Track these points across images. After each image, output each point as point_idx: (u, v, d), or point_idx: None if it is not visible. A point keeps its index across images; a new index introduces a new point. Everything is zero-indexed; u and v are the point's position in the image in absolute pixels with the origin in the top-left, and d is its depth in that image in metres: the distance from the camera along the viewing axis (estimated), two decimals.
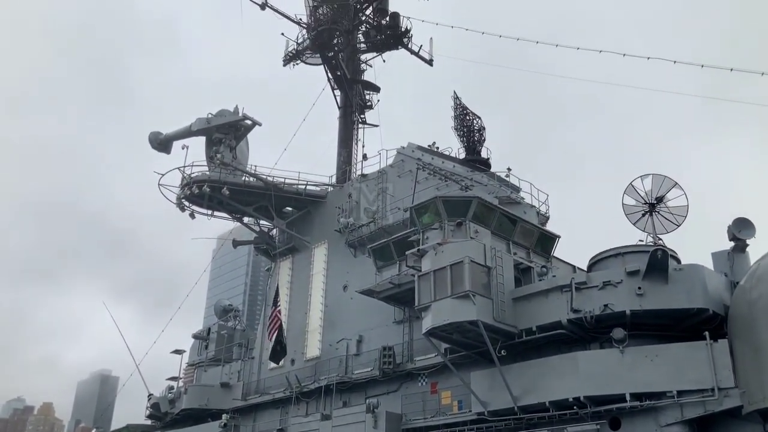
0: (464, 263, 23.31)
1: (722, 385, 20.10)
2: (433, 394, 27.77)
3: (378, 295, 29.61)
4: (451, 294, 23.20)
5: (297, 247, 38.80)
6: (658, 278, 21.68)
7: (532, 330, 23.51)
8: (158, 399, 41.11)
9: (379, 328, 31.42)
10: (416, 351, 29.13)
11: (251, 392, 37.20)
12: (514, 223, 28.35)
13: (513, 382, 23.24)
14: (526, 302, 24.01)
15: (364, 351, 31.72)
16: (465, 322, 23.02)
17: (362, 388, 30.79)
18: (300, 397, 33.22)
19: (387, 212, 33.39)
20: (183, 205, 38.72)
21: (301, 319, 36.35)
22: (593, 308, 22.23)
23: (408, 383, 29.16)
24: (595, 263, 25.00)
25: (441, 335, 24.53)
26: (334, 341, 33.47)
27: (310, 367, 33.98)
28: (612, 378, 21.37)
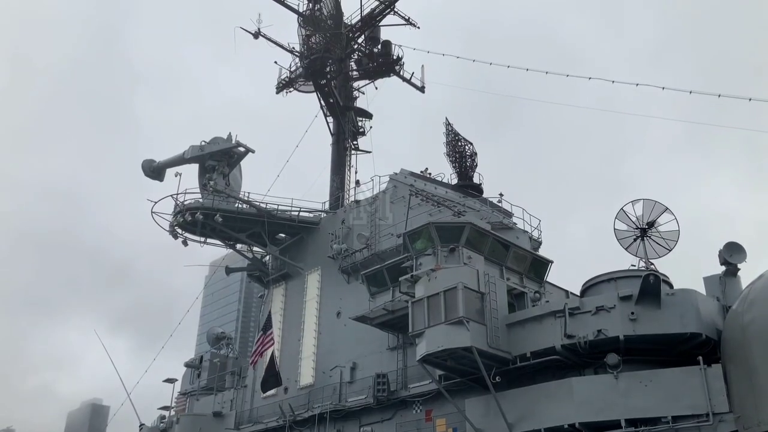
0: (458, 289, 23.34)
1: (717, 410, 20.09)
2: (428, 422, 27.56)
3: (371, 321, 29.53)
4: (444, 320, 23.18)
5: (290, 274, 38.73)
6: (651, 303, 21.75)
7: (526, 356, 23.47)
8: (150, 429, 40.58)
9: (373, 354, 31.28)
10: (410, 378, 28.98)
11: (244, 421, 36.81)
12: (507, 248, 28.45)
13: (508, 408, 23.12)
14: (519, 328, 24.00)
15: (358, 378, 31.52)
16: (459, 348, 22.97)
17: (356, 416, 30.54)
18: (293, 426, 32.89)
19: (380, 238, 33.45)
20: (176, 232, 38.68)
21: (295, 346, 36.14)
22: (587, 333, 22.23)
23: (402, 411, 28.95)
24: (588, 288, 25.07)
25: (435, 362, 24.44)
26: (328, 368, 33.27)
27: (303, 395, 33.71)
28: (607, 404, 21.31)
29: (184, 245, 39.01)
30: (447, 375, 25.66)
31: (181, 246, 38.63)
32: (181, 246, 38.63)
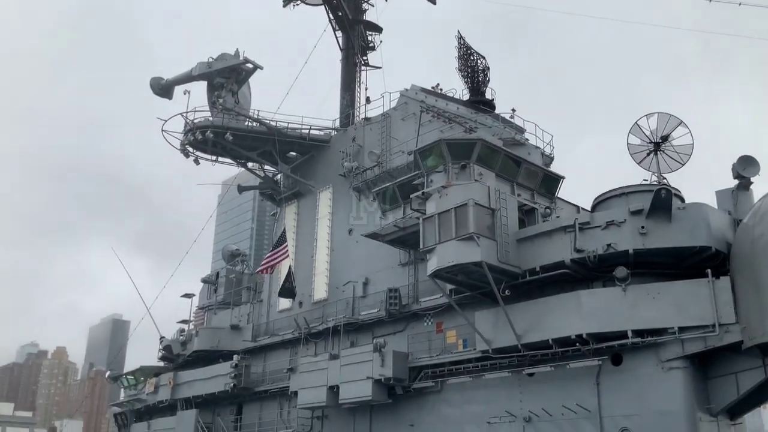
0: (468, 206, 23.44)
1: (723, 321, 20.47)
2: (439, 334, 28.35)
3: (383, 238, 29.88)
4: (455, 236, 23.41)
5: (302, 192, 38.95)
6: (662, 217, 21.79)
7: (535, 270, 23.81)
8: (170, 341, 42.10)
9: (385, 270, 31.82)
10: (421, 292, 29.60)
11: (261, 334, 38.02)
12: (519, 164, 28.32)
13: (517, 320, 23.68)
14: (529, 243, 24.23)
15: (370, 293, 32.22)
16: (469, 263, 23.31)
17: (369, 329, 31.42)
18: (308, 338, 33.96)
19: (391, 156, 33.35)
20: (187, 151, 38.74)
21: (308, 263, 36.80)
22: (596, 248, 22.43)
23: (414, 323, 29.73)
24: (598, 203, 25.08)
25: (446, 276, 24.87)
26: (341, 284, 33.97)
27: (317, 309, 34.60)
28: (614, 315, 21.75)
29: (195, 164, 39.17)
30: (457, 289, 26.15)
31: (195, 167, 38.79)
32: (195, 167, 38.79)
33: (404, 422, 28.15)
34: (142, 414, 44.04)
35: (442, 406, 27.01)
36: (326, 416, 31.92)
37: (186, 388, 38.81)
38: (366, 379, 27.58)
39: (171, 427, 38.13)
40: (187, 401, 38.43)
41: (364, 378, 27.63)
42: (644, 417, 21.09)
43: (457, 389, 26.59)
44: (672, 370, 20.98)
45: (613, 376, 22.18)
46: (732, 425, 22.67)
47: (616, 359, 22.27)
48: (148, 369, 44.36)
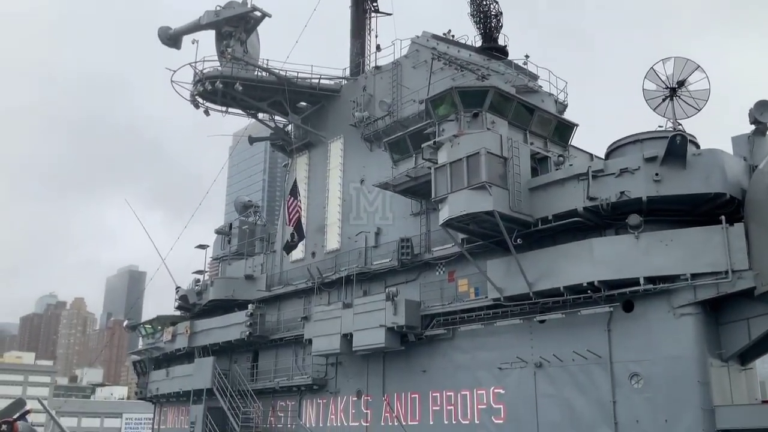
0: (480, 154, 23.29)
1: (736, 267, 20.46)
2: (451, 282, 28.58)
3: (395, 188, 29.86)
4: (467, 185, 23.35)
5: (313, 143, 38.81)
6: (676, 164, 21.57)
7: (547, 219, 23.78)
8: (186, 291, 42.76)
9: (397, 220, 31.92)
10: (433, 242, 29.71)
11: (275, 283, 38.50)
12: (532, 112, 27.96)
13: (528, 269, 23.79)
14: (542, 192, 24.14)
15: (382, 243, 32.39)
16: (481, 212, 23.30)
17: (381, 278, 31.71)
18: (322, 288, 34.36)
19: (402, 105, 33.02)
20: (197, 101, 38.54)
21: (320, 213, 36.95)
22: (609, 196, 22.31)
23: (426, 272, 29.95)
24: (612, 151, 24.83)
25: (458, 226, 24.93)
26: (353, 234, 34.15)
27: (330, 259, 34.88)
28: (626, 263, 21.77)
29: (206, 114, 39.04)
30: (469, 238, 26.23)
31: (206, 120, 38.71)
32: (206, 120, 38.71)
33: (417, 369, 28.67)
34: (161, 361, 45.08)
35: (454, 352, 27.44)
36: (340, 363, 32.55)
37: (203, 336, 39.61)
38: (379, 327, 27.99)
39: (189, 374, 39.06)
40: (204, 349, 39.26)
41: (377, 326, 28.04)
42: (655, 362, 21.33)
43: (469, 336, 26.95)
44: (683, 316, 21.10)
45: (624, 322, 22.36)
46: (742, 370, 22.88)
47: (628, 306, 22.40)
48: (165, 318, 45.18)
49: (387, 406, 29.47)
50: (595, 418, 22.32)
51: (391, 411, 29.26)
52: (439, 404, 27.53)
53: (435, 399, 27.72)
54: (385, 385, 29.97)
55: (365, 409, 30.68)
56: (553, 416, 23.48)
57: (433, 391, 27.84)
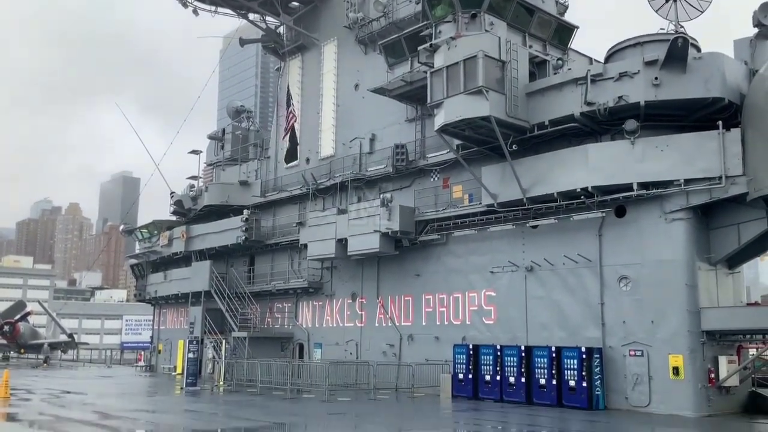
0: (478, 58, 22.78)
1: (730, 173, 20.51)
2: (445, 189, 28.69)
3: (390, 93, 29.37)
4: (463, 90, 22.98)
5: (306, 45, 37.81)
6: (676, 68, 21.18)
7: (544, 124, 23.59)
8: (181, 196, 42.87)
9: (392, 126, 31.61)
10: (428, 148, 29.56)
11: (269, 189, 38.58)
12: (532, 13, 27.17)
13: (523, 175, 23.82)
14: (539, 96, 23.81)
15: (377, 149, 32.21)
16: (477, 118, 23.08)
17: (376, 185, 31.77)
18: (316, 194, 34.48)
19: (398, 5, 31.92)
20: (185, 1, 37.20)
21: (314, 119, 36.51)
22: (607, 100, 22.04)
23: (420, 179, 29.99)
24: (612, 54, 24.27)
25: (453, 132, 24.73)
26: (348, 140, 33.89)
27: (325, 165, 34.80)
28: (620, 168, 21.79)
29: (194, 14, 37.84)
30: (464, 144, 26.09)
31: (197, 23, 37.52)
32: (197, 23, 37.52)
33: (410, 272, 29.25)
34: (158, 265, 45.82)
35: (448, 257, 27.92)
36: (335, 267, 33.15)
37: (199, 240, 40.05)
38: (373, 233, 28.31)
39: (186, 277, 39.80)
40: (200, 253, 39.81)
41: (372, 231, 28.35)
42: (644, 266, 21.77)
43: (462, 241, 27.34)
44: (675, 221, 21.35)
45: (616, 227, 22.65)
46: (730, 274, 23.40)
47: (620, 211, 22.62)
48: (161, 222, 45.54)
49: (381, 308, 30.29)
50: (583, 319, 23.03)
51: (385, 312, 30.10)
52: (431, 306, 28.29)
53: (428, 301, 28.46)
54: (379, 288, 30.67)
55: (360, 310, 31.53)
56: (542, 317, 24.21)
57: (426, 293, 28.53)
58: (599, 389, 21.39)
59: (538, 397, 22.09)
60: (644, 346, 21.34)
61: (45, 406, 21.09)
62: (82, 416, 18.70)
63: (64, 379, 36.39)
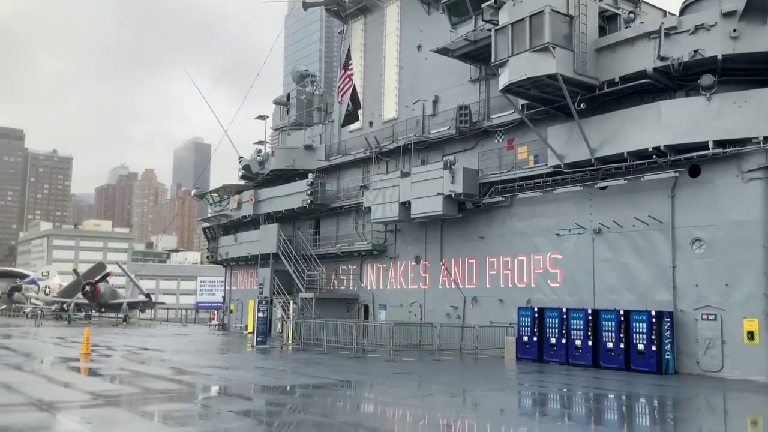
0: (544, 13, 22.07)
1: None
2: (510, 150, 28.22)
3: (453, 53, 28.89)
4: (529, 47, 22.37)
5: (369, 7, 37.49)
6: (756, 19, 19.97)
7: (614, 81, 22.78)
8: (248, 161, 43.79)
9: (455, 87, 31.16)
10: (492, 109, 29.06)
11: (333, 153, 38.89)
12: None
13: (591, 134, 23.15)
14: (609, 52, 22.94)
15: (440, 111, 31.89)
16: (544, 76, 22.47)
17: (439, 147, 31.53)
18: (379, 157, 34.53)
19: None
20: None
21: (377, 82, 36.38)
22: (682, 55, 21.04)
23: (484, 140, 29.57)
24: (688, 6, 23.10)
25: (518, 91, 24.19)
26: (410, 102, 33.66)
27: (387, 128, 34.74)
28: (695, 126, 20.87)
29: None
30: (530, 104, 25.51)
31: None
32: None
33: (474, 235, 29.09)
34: (229, 228, 47.16)
35: (512, 219, 27.60)
36: (399, 230, 33.31)
37: (266, 204, 40.95)
38: (436, 195, 28.22)
39: (255, 240, 40.85)
40: (268, 216, 40.73)
41: (435, 194, 28.26)
42: (719, 227, 20.95)
43: (527, 204, 26.94)
44: (752, 180, 20.36)
45: (689, 188, 21.81)
46: None
47: (694, 171, 21.73)
48: (231, 187, 46.70)
49: (445, 271, 30.34)
50: (653, 282, 22.44)
51: (448, 275, 30.14)
52: (495, 269, 28.14)
53: (492, 264, 28.31)
54: (442, 250, 30.68)
55: (423, 273, 31.68)
56: (610, 280, 23.72)
57: (490, 256, 28.37)
58: (669, 353, 20.93)
59: (606, 361, 21.81)
60: (717, 309, 20.67)
61: (124, 362, 22.26)
62: (160, 372, 19.66)
63: (142, 336, 38.25)
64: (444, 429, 11.85)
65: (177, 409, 13.25)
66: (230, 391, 16.81)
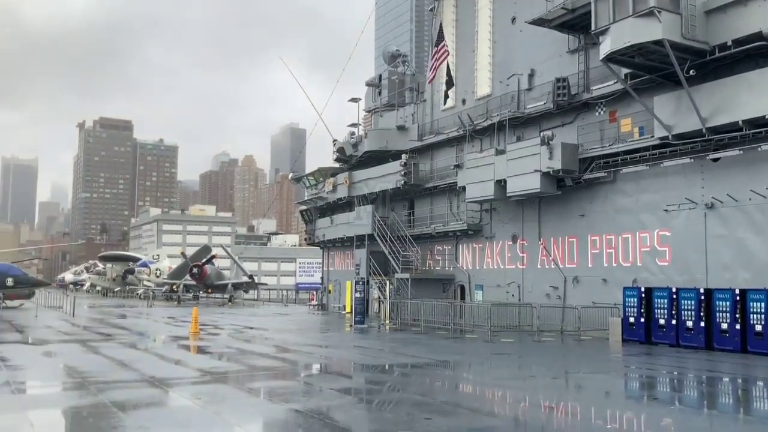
0: None
1: None
2: (612, 123, 26.97)
3: (549, 23, 27.82)
4: (632, 12, 21.17)
5: None
6: None
7: (726, 45, 21.23)
8: (342, 144, 44.26)
9: (552, 59, 30.05)
10: (592, 80, 27.83)
11: (426, 133, 38.59)
12: None
13: (702, 103, 21.71)
14: (721, 14, 21.37)
15: (536, 85, 30.88)
16: (649, 42, 21.24)
17: (536, 122, 30.59)
18: (473, 135, 33.94)
19: None
20: None
21: (469, 58, 35.67)
22: None
23: (584, 114, 28.41)
24: None
25: (621, 60, 23.02)
26: (505, 77, 32.79)
27: (481, 105, 34.04)
28: None
29: None
30: (634, 73, 24.23)
31: None
32: None
33: (574, 213, 28.11)
34: (325, 210, 47.97)
35: (616, 195, 26.44)
36: (494, 209, 32.70)
37: (361, 186, 41.28)
38: (533, 172, 27.42)
39: (351, 221, 41.33)
40: (363, 198, 41.06)
41: (532, 171, 27.47)
42: None
43: (632, 179, 25.70)
44: None
45: None
46: None
47: None
48: (326, 170, 47.41)
49: (543, 250, 29.53)
50: None
51: (547, 254, 29.32)
52: (598, 247, 27.10)
53: (594, 242, 27.28)
54: (541, 229, 29.87)
55: (521, 252, 30.99)
56: (724, 257, 22.29)
57: (592, 234, 27.34)
58: None
59: (720, 343, 20.55)
60: None
61: (231, 340, 23.12)
62: (264, 350, 20.27)
63: (246, 316, 39.68)
64: (546, 411, 11.48)
65: (281, 386, 13.56)
66: (331, 369, 17.08)
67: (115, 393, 11.88)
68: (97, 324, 30.15)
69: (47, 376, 14.93)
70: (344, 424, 9.85)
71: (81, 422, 10.12)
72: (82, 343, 21.09)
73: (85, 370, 14.70)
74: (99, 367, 15.51)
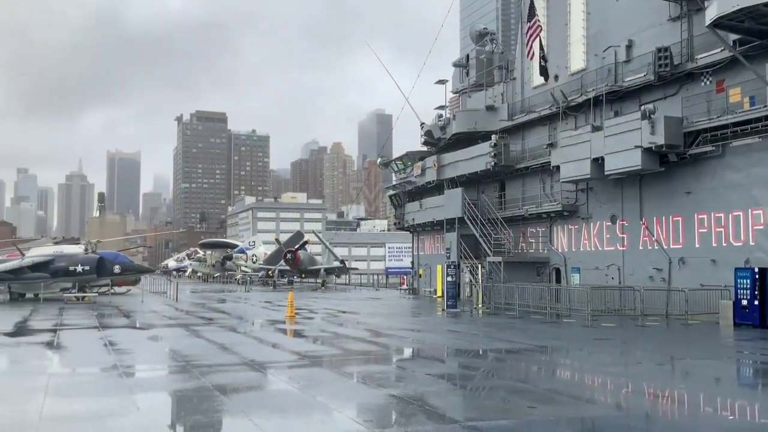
0: None
1: None
2: (719, 93, 25.21)
3: None
4: None
5: None
6: None
7: None
8: (430, 127, 43.79)
9: (652, 28, 28.37)
10: (697, 48, 26.08)
11: (516, 112, 37.52)
12: None
13: None
14: None
15: (635, 56, 29.26)
16: (761, 5, 19.63)
17: (635, 96, 29.05)
18: (567, 112, 32.66)
19: None
20: None
21: (562, 31, 34.27)
22: None
23: (688, 85, 26.70)
24: None
25: (729, 25, 21.49)
26: (600, 50, 31.26)
27: (575, 80, 32.66)
28: None
29: None
30: (743, 39, 22.53)
31: None
32: None
33: (679, 191, 26.55)
34: (413, 194, 47.75)
35: (725, 171, 24.74)
36: (591, 188, 31.42)
37: (450, 169, 40.72)
38: (634, 149, 26.06)
39: (440, 205, 40.89)
40: (452, 181, 40.50)
41: (632, 147, 26.11)
42: None
43: (743, 152, 23.95)
44: None
45: None
46: None
47: None
48: (414, 154, 47.13)
49: (645, 230, 28.11)
50: None
51: (650, 235, 27.88)
52: (706, 226, 25.50)
53: (701, 221, 25.68)
54: (642, 208, 28.43)
55: (621, 233, 29.64)
56: None
57: (698, 213, 25.75)
58: None
59: None
60: None
61: (325, 324, 23.38)
62: (357, 333, 20.33)
63: (338, 300, 40.18)
64: (650, 398, 10.80)
65: (375, 371, 13.48)
66: (424, 354, 16.88)
67: (217, 376, 12.13)
68: (199, 308, 31.31)
69: (153, 359, 15.52)
70: (442, 410, 9.59)
71: (184, 405, 10.35)
72: (185, 327, 21.89)
73: (189, 354, 15.16)
74: (201, 350, 15.98)
